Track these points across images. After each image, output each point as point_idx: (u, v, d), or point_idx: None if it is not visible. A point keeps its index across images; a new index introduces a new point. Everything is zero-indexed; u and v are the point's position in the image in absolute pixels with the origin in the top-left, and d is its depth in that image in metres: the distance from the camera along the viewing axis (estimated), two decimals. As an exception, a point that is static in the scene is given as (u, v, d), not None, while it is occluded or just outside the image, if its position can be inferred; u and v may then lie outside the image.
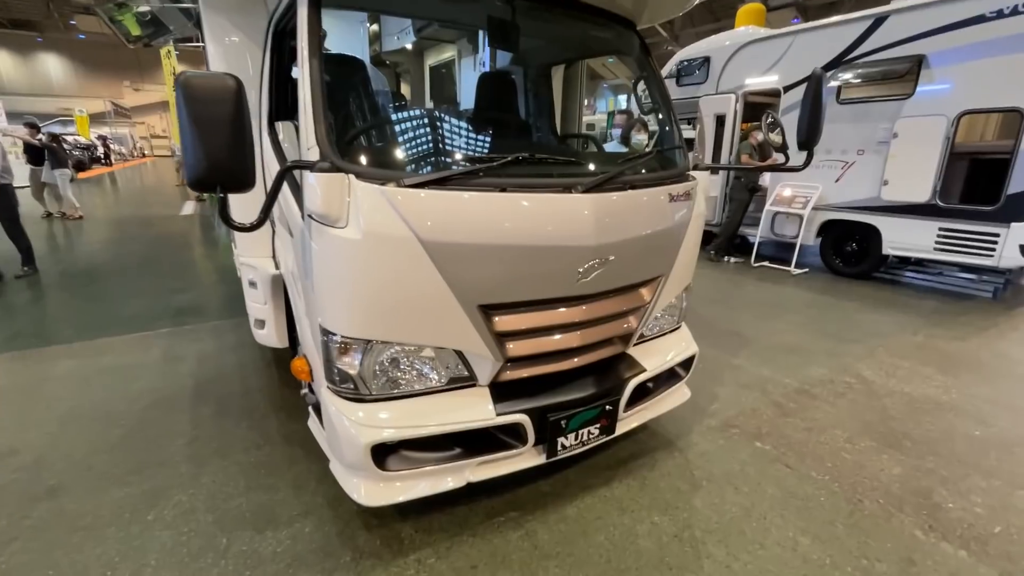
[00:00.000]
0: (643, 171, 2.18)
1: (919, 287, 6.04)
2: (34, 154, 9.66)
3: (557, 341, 1.95)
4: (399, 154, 1.88)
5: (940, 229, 5.28)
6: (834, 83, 5.87)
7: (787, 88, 6.30)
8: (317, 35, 1.69)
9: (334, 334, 1.70)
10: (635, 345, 2.34)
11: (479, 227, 1.64)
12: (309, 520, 2.06)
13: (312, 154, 1.61)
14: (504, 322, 1.80)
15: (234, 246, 3.51)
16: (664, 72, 8.04)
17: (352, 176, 1.55)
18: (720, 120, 7.00)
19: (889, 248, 5.74)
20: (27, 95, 30.13)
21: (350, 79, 2.20)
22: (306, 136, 1.66)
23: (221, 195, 1.44)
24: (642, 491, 2.29)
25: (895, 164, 5.48)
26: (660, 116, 2.49)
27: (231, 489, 2.24)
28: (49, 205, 10.15)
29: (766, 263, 6.84)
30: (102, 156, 26.99)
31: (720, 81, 7.07)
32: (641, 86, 2.63)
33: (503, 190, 1.69)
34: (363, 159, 1.67)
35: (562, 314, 1.91)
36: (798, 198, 6.31)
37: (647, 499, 2.24)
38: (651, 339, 2.44)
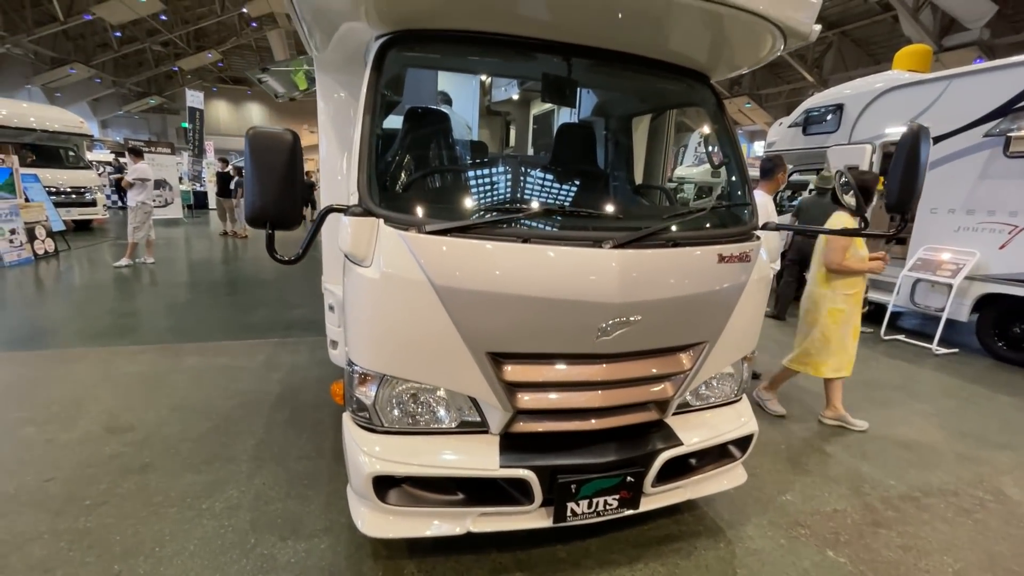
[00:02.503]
0: (695, 228, 2.05)
1: None
2: (222, 185, 11.87)
3: (573, 399, 1.86)
4: (429, 201, 1.99)
5: None
6: (1000, 134, 4.95)
7: (938, 139, 5.45)
8: (374, 96, 1.89)
9: (355, 364, 1.82)
10: (678, 414, 2.15)
11: (491, 275, 1.66)
12: (327, 537, 2.17)
13: (352, 199, 1.79)
14: (513, 372, 1.78)
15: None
16: (789, 121, 7.47)
17: (381, 221, 1.68)
18: (852, 172, 6.25)
19: (1076, 335, 4.56)
20: (233, 135, 37.36)
21: (403, 127, 2.38)
22: (351, 181, 1.85)
23: (269, 232, 1.66)
24: (669, 581, 2.05)
25: (1085, 232, 4.40)
26: (730, 173, 2.33)
27: (274, 493, 2.45)
28: (226, 226, 12.35)
29: (901, 337, 5.82)
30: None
31: (855, 130, 6.36)
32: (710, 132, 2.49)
33: (526, 241, 1.70)
34: (395, 205, 1.80)
35: (578, 371, 1.83)
36: (946, 264, 5.33)
37: (672, 592, 1.99)
38: (699, 409, 2.22)
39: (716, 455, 2.22)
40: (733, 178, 2.29)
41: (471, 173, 2.27)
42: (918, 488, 2.81)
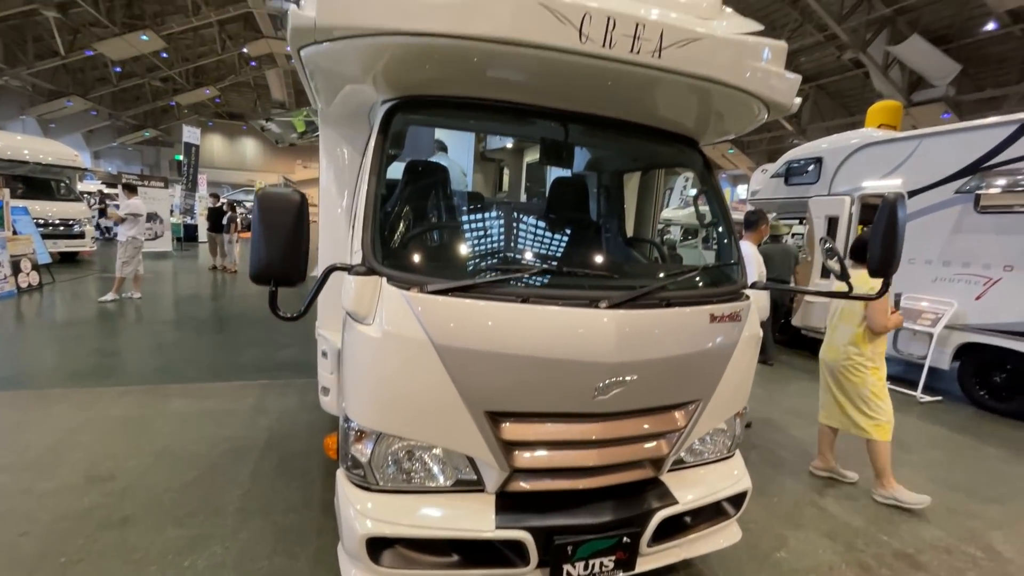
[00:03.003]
0: (687, 288, 2.11)
1: (1106, 440, 4.75)
2: (214, 220, 11.89)
3: (570, 457, 1.87)
4: (430, 259, 2.05)
5: None
6: (970, 191, 5.21)
7: (913, 193, 5.71)
8: (380, 158, 1.97)
9: (352, 421, 1.82)
10: (672, 471, 2.15)
11: (490, 335, 1.70)
12: (315, 599, 2.10)
13: (356, 257, 1.83)
14: (510, 430, 1.79)
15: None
16: (772, 171, 7.78)
17: (384, 279, 1.72)
18: (832, 221, 6.50)
19: (1057, 386, 4.68)
20: (227, 168, 37.64)
21: (404, 181, 2.46)
22: (355, 239, 1.89)
23: (273, 289, 1.68)
24: (665, 646, 2.00)
25: (1057, 286, 4.59)
26: (717, 231, 2.43)
27: (260, 549, 2.38)
28: (216, 260, 12.29)
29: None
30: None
31: (833, 182, 6.64)
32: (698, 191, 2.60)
33: (525, 300, 1.75)
34: (398, 263, 1.85)
35: (576, 429, 1.85)
36: (926, 313, 5.48)
37: (669, 658, 1.95)
38: (693, 466, 2.23)
39: (711, 513, 2.21)
40: (724, 240, 2.38)
41: (470, 230, 2.33)
42: (911, 544, 2.81)
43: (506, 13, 1.60)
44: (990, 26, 14.35)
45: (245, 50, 25.75)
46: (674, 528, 2.09)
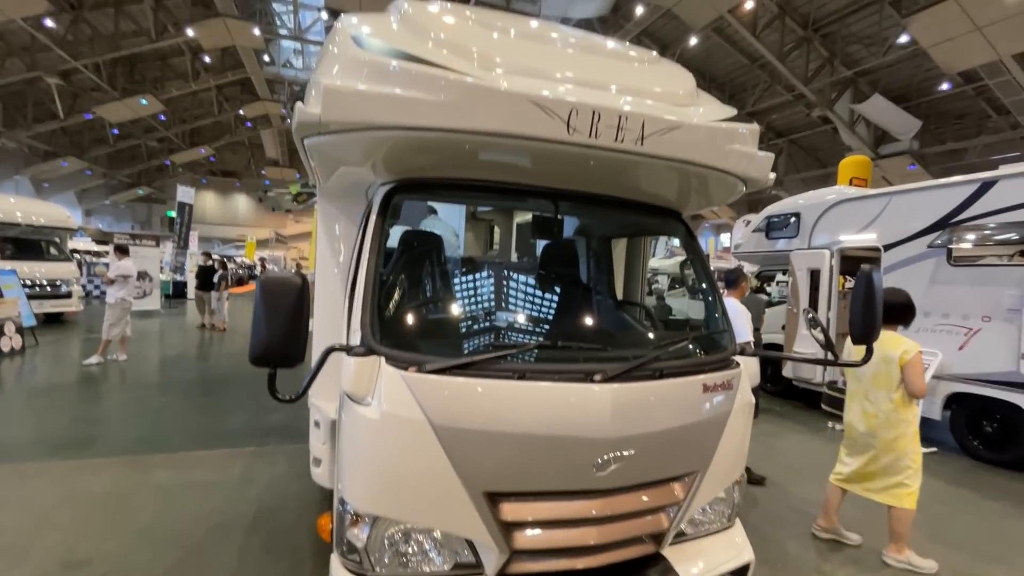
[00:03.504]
0: (678, 358, 2.16)
1: (1101, 489, 4.75)
2: (203, 279, 11.83)
3: (570, 536, 1.84)
4: (430, 336, 2.08)
5: (1113, 419, 4.28)
6: (941, 245, 5.45)
7: (888, 247, 5.95)
8: (379, 240, 2.04)
9: (348, 503, 1.79)
10: (673, 544, 2.12)
11: (488, 414, 1.71)
12: None
13: (355, 337, 1.86)
14: (510, 510, 1.77)
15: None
16: (753, 225, 8.06)
17: (383, 359, 1.75)
18: (814, 274, 6.69)
19: (1045, 435, 4.72)
20: (219, 224, 37.97)
21: (399, 255, 2.52)
22: (353, 319, 1.93)
23: (272, 372, 1.70)
24: None
25: (1036, 336, 4.72)
26: (704, 298, 2.51)
27: (246, 642, 2.26)
28: (204, 318, 12.14)
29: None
30: (259, 274, 32.23)
31: (812, 236, 6.89)
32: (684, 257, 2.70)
33: (522, 377, 1.78)
34: (397, 342, 1.88)
35: (576, 507, 1.83)
36: (913, 365, 5.56)
37: None
38: (695, 538, 2.20)
39: (714, 587, 2.17)
40: (710, 306, 2.46)
41: (467, 303, 2.39)
42: (919, 613, 2.74)
43: (500, 110, 1.73)
44: (944, 86, 15.42)
45: (241, 112, 26.66)
46: (678, 605, 2.03)
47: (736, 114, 2.22)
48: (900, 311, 3.21)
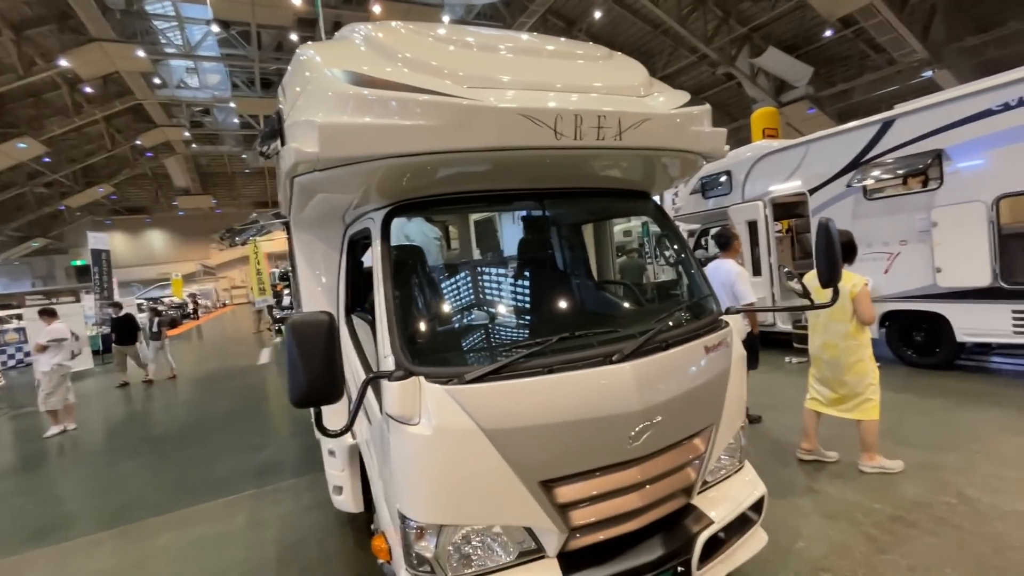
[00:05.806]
0: (677, 326, 2.36)
1: (1013, 373, 5.57)
2: (121, 332, 10.70)
3: (619, 504, 2.01)
4: (460, 350, 2.17)
5: (1014, 311, 5.01)
6: (857, 183, 6.07)
7: (812, 191, 6.54)
8: (389, 263, 2.09)
9: (410, 519, 1.86)
10: (700, 493, 2.35)
11: (532, 410, 1.84)
12: None
13: (388, 363, 1.92)
14: (564, 493, 1.91)
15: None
16: (689, 188, 8.55)
17: (422, 379, 1.82)
18: (752, 225, 7.23)
19: (963, 335, 5.44)
20: (134, 266, 35.04)
21: (415, 277, 2.57)
22: (383, 345, 1.98)
23: (317, 411, 1.73)
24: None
25: (943, 251, 5.40)
26: (684, 267, 2.74)
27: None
28: (150, 372, 11.03)
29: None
30: (192, 311, 30.17)
31: (744, 191, 7.43)
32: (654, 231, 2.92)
33: (551, 370, 1.91)
34: (430, 359, 1.96)
35: (619, 478, 2.00)
36: (849, 293, 6.20)
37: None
38: (715, 484, 2.44)
39: (739, 523, 2.41)
40: (692, 275, 2.69)
41: (483, 311, 2.47)
42: (900, 507, 3.16)
43: (492, 127, 1.83)
44: (828, 32, 16.79)
45: (139, 142, 24.63)
46: (714, 546, 2.26)
47: (690, 98, 2.43)
48: (845, 250, 3.60)
